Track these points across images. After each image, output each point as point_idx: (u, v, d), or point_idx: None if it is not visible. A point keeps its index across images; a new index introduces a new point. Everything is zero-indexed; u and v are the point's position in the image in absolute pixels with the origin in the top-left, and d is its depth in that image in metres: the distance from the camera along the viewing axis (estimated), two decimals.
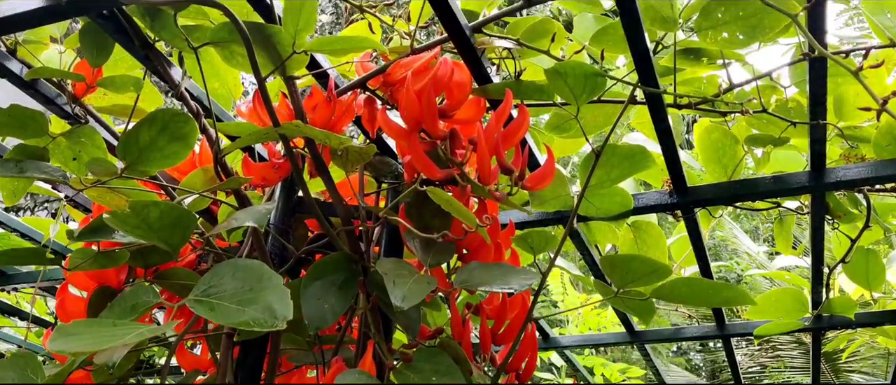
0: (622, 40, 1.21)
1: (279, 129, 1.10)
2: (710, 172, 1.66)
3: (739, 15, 1.23)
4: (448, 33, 1.19)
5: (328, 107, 1.22)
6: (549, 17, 1.30)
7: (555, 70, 1.21)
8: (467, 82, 1.27)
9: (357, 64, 1.29)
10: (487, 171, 1.15)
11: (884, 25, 1.34)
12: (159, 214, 0.99)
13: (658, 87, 1.26)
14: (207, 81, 1.47)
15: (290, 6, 1.05)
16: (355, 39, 1.10)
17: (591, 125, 1.47)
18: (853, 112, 1.48)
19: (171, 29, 1.16)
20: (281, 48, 1.12)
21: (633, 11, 1.12)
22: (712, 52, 1.34)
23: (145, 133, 1.16)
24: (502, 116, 1.21)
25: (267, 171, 1.27)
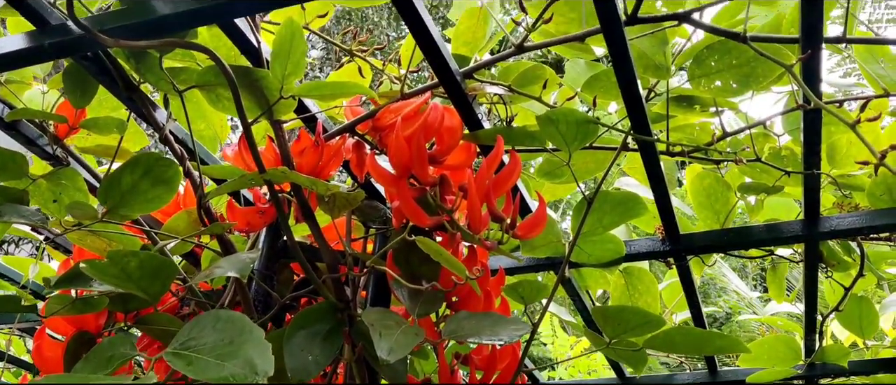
0: (614, 87, 1.20)
1: (265, 174, 1.08)
2: (703, 219, 1.64)
3: (732, 64, 1.22)
4: (438, 79, 1.18)
5: (316, 151, 1.19)
6: (540, 63, 1.29)
7: (547, 117, 1.20)
8: (458, 127, 1.25)
9: (346, 108, 1.27)
10: (477, 219, 1.13)
11: (877, 74, 1.33)
12: (139, 264, 0.96)
13: (651, 134, 1.25)
14: (194, 123, 1.44)
15: (278, 51, 1.03)
16: (344, 85, 1.08)
17: (582, 171, 1.45)
18: (846, 160, 1.47)
19: (155, 71, 1.14)
20: (268, 92, 1.10)
21: (626, 59, 1.11)
22: (705, 100, 1.33)
23: (128, 177, 1.14)
24: (493, 163, 1.19)
25: (252, 217, 1.25)
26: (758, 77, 1.22)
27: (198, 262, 1.50)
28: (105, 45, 1.03)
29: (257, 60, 1.13)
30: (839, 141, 1.44)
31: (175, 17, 1.03)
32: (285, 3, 1.03)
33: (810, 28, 1.01)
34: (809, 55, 1.01)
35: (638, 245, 1.55)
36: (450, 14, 1.47)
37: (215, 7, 1.01)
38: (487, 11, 1.34)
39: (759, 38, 1.11)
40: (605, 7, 1.01)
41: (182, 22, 1.05)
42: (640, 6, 1.11)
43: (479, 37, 1.37)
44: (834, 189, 1.54)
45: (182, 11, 1.03)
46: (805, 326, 1.88)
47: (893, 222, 1.39)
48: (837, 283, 1.74)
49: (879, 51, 1.32)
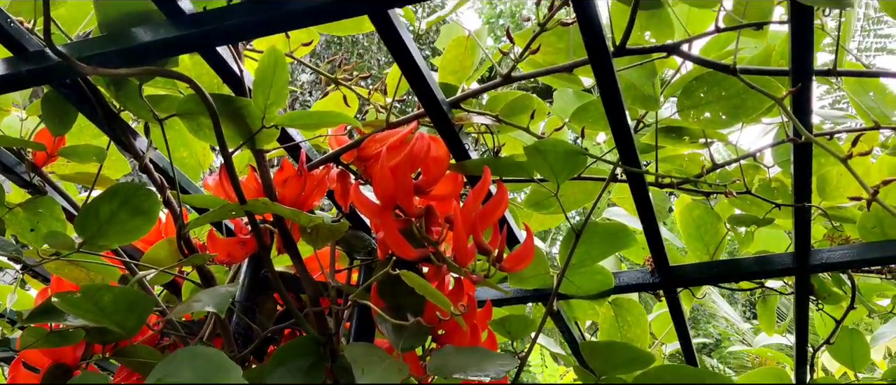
0: (603, 117, 1.18)
1: (245, 205, 1.05)
2: (692, 250, 1.63)
3: (722, 95, 1.21)
4: (424, 108, 1.16)
5: (299, 181, 1.17)
6: (528, 93, 1.28)
7: (535, 148, 1.18)
8: (444, 157, 1.24)
9: (331, 137, 1.25)
10: (464, 251, 1.11)
11: (867, 106, 1.32)
12: (113, 298, 0.93)
13: (639, 166, 1.23)
14: (176, 151, 1.42)
15: (260, 79, 1.01)
16: (328, 114, 1.06)
17: (571, 202, 1.44)
18: (837, 192, 1.46)
19: (136, 99, 1.12)
20: (250, 121, 1.07)
21: (614, 90, 1.09)
22: (694, 131, 1.31)
23: (106, 207, 1.11)
24: (480, 194, 1.17)
25: (233, 247, 1.22)
26: (747, 109, 1.21)
27: (179, 292, 1.47)
28: (83, 72, 1.01)
29: (240, 89, 1.11)
30: (830, 173, 1.42)
31: (155, 44, 1.02)
32: (268, 31, 1.01)
33: (800, 61, 1.00)
34: (800, 88, 1.00)
35: (627, 277, 1.52)
36: (437, 43, 1.45)
37: (196, 35, 0.99)
38: (475, 41, 1.33)
39: (748, 71, 1.10)
40: (592, 38, 1.00)
41: (163, 50, 1.04)
42: (628, 37, 1.10)
43: (467, 66, 1.35)
44: (825, 220, 1.53)
45: (162, 39, 1.01)
46: (796, 359, 1.86)
47: (885, 256, 1.38)
48: (828, 315, 1.72)
49: (869, 83, 1.32)
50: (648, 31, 1.23)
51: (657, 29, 1.22)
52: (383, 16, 0.98)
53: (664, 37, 1.23)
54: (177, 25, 1.01)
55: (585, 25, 0.98)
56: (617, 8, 1.21)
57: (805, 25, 0.94)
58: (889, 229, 1.39)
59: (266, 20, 0.96)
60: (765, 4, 1.14)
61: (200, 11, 1.00)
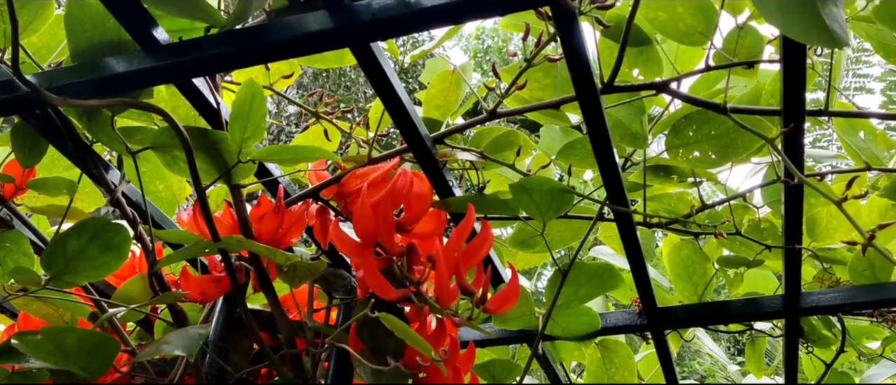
0: (590, 155, 1.15)
1: (219, 243, 1.01)
2: (680, 290, 1.59)
3: (711, 134, 1.18)
4: (407, 144, 1.12)
5: (276, 218, 1.13)
6: (513, 129, 1.25)
7: (520, 185, 1.15)
8: (427, 194, 1.20)
9: (310, 172, 1.21)
10: (446, 292, 1.07)
11: (857, 147, 1.30)
12: (76, 340, 0.89)
13: (627, 205, 1.20)
14: (151, 184, 1.38)
15: (237, 113, 0.98)
16: (306, 149, 1.02)
17: (557, 240, 1.40)
18: (827, 234, 1.44)
19: (108, 131, 1.08)
20: (226, 155, 1.04)
21: (602, 128, 1.07)
22: (683, 170, 1.29)
23: (74, 242, 1.07)
24: (464, 233, 1.13)
25: (206, 285, 1.17)
26: (737, 148, 1.19)
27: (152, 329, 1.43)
28: (52, 103, 0.97)
29: (216, 121, 1.08)
30: (819, 214, 1.40)
31: (129, 75, 0.98)
32: (246, 63, 0.97)
33: (792, 101, 0.97)
34: (792, 129, 0.98)
35: (614, 318, 1.49)
36: (422, 77, 1.43)
37: (171, 66, 0.96)
38: (460, 76, 1.30)
39: (739, 110, 1.07)
40: (580, 75, 0.97)
41: (136, 81, 1.00)
42: (616, 74, 1.07)
43: (452, 101, 1.32)
44: (814, 261, 1.50)
45: (136, 70, 0.97)
46: None
47: (876, 299, 1.35)
48: (818, 358, 1.69)
49: (859, 123, 1.30)
50: (637, 68, 1.21)
51: (646, 66, 1.20)
52: (365, 49, 0.95)
53: (653, 74, 1.21)
54: (151, 56, 0.97)
55: (573, 62, 0.95)
56: (605, 44, 1.19)
57: (797, 65, 0.92)
58: (880, 272, 1.36)
59: (244, 52, 0.93)
60: (755, 43, 1.13)
61: (176, 42, 0.97)
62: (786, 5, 0.72)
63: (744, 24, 1.09)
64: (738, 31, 1.09)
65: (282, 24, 0.92)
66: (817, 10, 0.71)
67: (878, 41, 1.10)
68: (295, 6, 0.95)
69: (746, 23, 1.10)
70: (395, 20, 0.88)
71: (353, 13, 0.89)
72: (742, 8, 1.09)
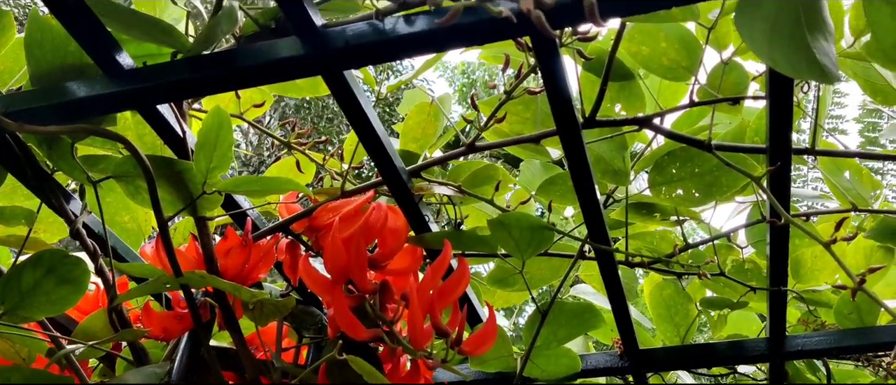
0: (571, 191, 1.12)
1: (181, 278, 0.96)
2: (662, 331, 1.55)
3: (695, 172, 1.15)
4: (383, 177, 1.08)
5: (243, 252, 1.08)
6: (493, 163, 1.21)
7: (499, 221, 1.11)
8: (403, 229, 1.16)
9: (281, 205, 1.17)
10: (419, 333, 1.02)
11: (843, 187, 1.28)
12: (23, 380, 0.83)
13: (609, 244, 1.16)
14: (117, 214, 1.33)
15: (203, 142, 0.94)
16: (276, 181, 0.98)
17: (536, 278, 1.36)
18: (812, 275, 1.40)
19: (68, 159, 1.03)
20: (191, 186, 0.99)
21: (583, 163, 1.03)
22: (666, 208, 1.25)
23: (29, 275, 1.02)
24: (439, 270, 1.09)
25: (169, 322, 1.12)
26: (721, 187, 1.15)
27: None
28: (8, 128, 0.92)
29: (182, 150, 1.03)
30: (804, 255, 1.37)
31: (90, 100, 0.94)
32: (213, 90, 0.94)
33: (778, 139, 0.95)
34: (778, 167, 0.95)
35: (595, 360, 1.44)
36: (400, 108, 1.39)
37: (135, 92, 0.92)
38: (438, 108, 1.27)
39: (723, 147, 1.04)
40: (560, 109, 0.94)
41: (98, 106, 0.96)
42: (598, 109, 1.04)
43: (430, 133, 1.29)
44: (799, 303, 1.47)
45: (98, 95, 0.93)
46: None
47: (862, 344, 1.32)
48: None
49: (844, 163, 1.28)
50: (619, 103, 1.18)
51: (628, 101, 1.18)
52: (338, 78, 0.91)
53: (635, 109, 1.18)
54: (114, 81, 0.93)
55: (553, 95, 0.92)
56: (587, 78, 1.16)
57: (784, 102, 0.89)
58: (866, 316, 1.33)
59: (211, 78, 0.89)
60: (740, 79, 1.10)
61: (140, 67, 0.93)
62: (775, 38, 0.69)
63: (729, 60, 1.07)
64: (723, 66, 1.07)
65: (251, 50, 0.89)
66: (807, 44, 0.68)
67: (864, 79, 1.07)
68: (265, 32, 0.91)
69: (731, 58, 1.07)
70: (370, 48, 0.85)
71: (325, 40, 0.86)
72: (727, 43, 1.06)
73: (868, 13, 0.71)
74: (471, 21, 0.79)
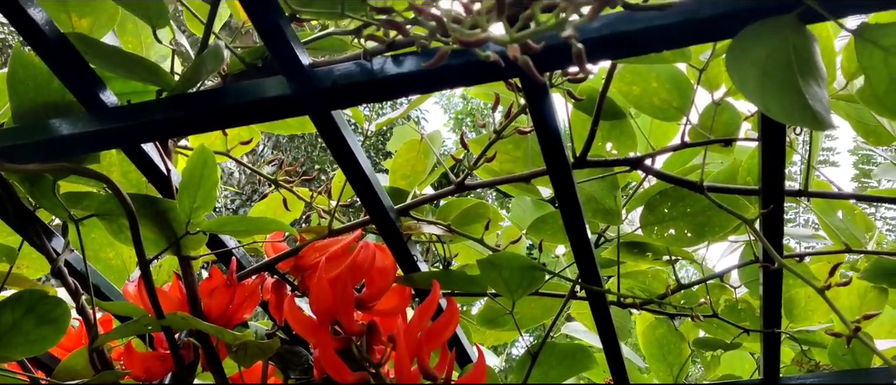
0: (562, 230, 1.10)
1: (163, 320, 0.94)
2: (655, 371, 1.53)
3: (687, 212, 1.14)
4: (370, 216, 1.07)
5: (228, 292, 1.06)
6: (483, 201, 1.20)
7: (489, 262, 1.09)
8: (391, 269, 1.14)
9: (267, 243, 1.15)
10: (406, 376, 1.00)
11: (836, 227, 1.26)
12: None
13: (601, 284, 1.15)
14: (101, 251, 1.30)
15: (187, 181, 0.92)
16: (260, 221, 0.96)
17: (527, 318, 1.34)
18: (805, 315, 1.39)
19: (50, 197, 1.01)
20: (175, 225, 0.97)
21: (573, 203, 1.02)
22: (658, 248, 1.24)
23: (8, 315, 0.99)
24: (427, 311, 1.07)
25: (151, 363, 1.10)
26: (714, 227, 1.14)
27: None
28: None
29: (167, 188, 1.01)
30: (798, 295, 1.36)
31: (73, 138, 0.92)
32: (199, 129, 0.92)
33: (771, 181, 0.94)
34: (771, 210, 0.93)
35: None
36: (389, 144, 1.38)
37: (118, 130, 0.90)
38: (428, 145, 1.26)
39: (715, 188, 1.03)
40: (551, 149, 0.93)
41: (81, 144, 0.94)
42: (589, 148, 1.03)
43: (419, 170, 1.27)
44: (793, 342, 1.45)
45: (81, 133, 0.91)
46: None
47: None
48: None
49: (838, 202, 1.26)
50: (610, 142, 1.17)
51: (619, 140, 1.17)
52: (325, 117, 0.90)
53: (627, 148, 1.17)
54: (97, 119, 0.91)
55: (543, 135, 0.91)
56: (578, 117, 1.15)
57: (776, 144, 0.89)
58: (860, 357, 1.31)
59: (195, 117, 0.88)
60: (732, 119, 1.09)
61: (124, 105, 0.91)
62: (766, 83, 0.68)
63: (720, 100, 1.06)
64: (715, 107, 1.06)
65: (237, 89, 0.87)
66: (799, 89, 0.67)
67: (856, 120, 1.07)
68: (252, 70, 0.90)
69: (723, 99, 1.06)
70: (358, 88, 0.84)
71: (312, 80, 0.84)
72: (718, 84, 1.05)
73: (861, 58, 0.70)
74: (459, 62, 0.78)
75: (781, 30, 0.69)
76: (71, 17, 0.95)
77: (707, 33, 0.76)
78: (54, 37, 0.85)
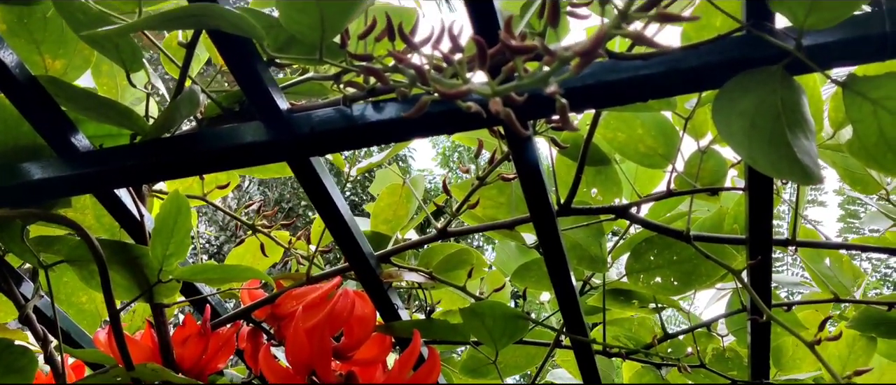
0: (547, 277, 1.08)
1: (133, 372, 0.91)
2: None
3: (673, 260, 1.12)
4: (349, 263, 1.04)
5: (201, 341, 1.03)
6: (466, 247, 1.17)
7: (472, 310, 1.07)
8: (370, 317, 1.11)
9: (243, 290, 1.12)
10: None
11: (823, 274, 1.25)
12: None
13: (586, 334, 1.12)
14: (73, 294, 1.26)
15: (160, 227, 0.89)
16: (235, 269, 0.94)
17: (511, 366, 1.31)
18: (793, 363, 1.37)
19: (19, 243, 0.98)
20: (148, 272, 0.94)
21: (558, 251, 1.00)
22: (644, 296, 1.22)
23: None
24: (408, 361, 1.04)
25: None
26: (700, 275, 1.12)
27: None
28: None
29: (140, 234, 0.98)
30: (786, 343, 1.33)
31: (43, 183, 0.89)
32: (173, 175, 0.90)
33: (758, 231, 0.92)
34: (759, 261, 0.91)
35: None
36: (371, 188, 1.36)
37: (90, 175, 0.87)
38: (410, 190, 1.24)
39: (702, 238, 1.01)
40: (534, 197, 0.91)
41: (52, 190, 0.91)
42: (573, 195, 1.01)
43: (401, 215, 1.25)
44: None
45: (50, 178, 0.88)
46: None
47: None
48: None
49: (824, 251, 1.25)
50: (596, 188, 1.15)
51: (604, 186, 1.15)
52: (304, 163, 0.87)
53: (612, 195, 1.15)
54: (69, 164, 0.89)
55: (527, 183, 0.89)
56: (562, 162, 1.14)
57: (764, 194, 0.87)
58: None
59: (172, 163, 0.85)
60: (718, 166, 1.08)
61: (96, 150, 0.89)
62: (754, 136, 0.67)
63: (706, 148, 1.04)
64: (701, 154, 1.05)
65: (213, 134, 0.85)
66: (788, 142, 0.66)
67: (844, 169, 1.05)
68: (229, 114, 0.88)
69: (709, 146, 1.05)
70: (337, 135, 0.82)
71: (290, 125, 0.82)
72: (704, 132, 1.04)
73: (849, 110, 0.68)
74: (441, 110, 0.76)
75: (769, 81, 0.67)
76: (44, 58, 0.93)
77: (693, 84, 0.75)
78: (24, 79, 0.82)
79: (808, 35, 0.67)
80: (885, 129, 0.68)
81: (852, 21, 0.67)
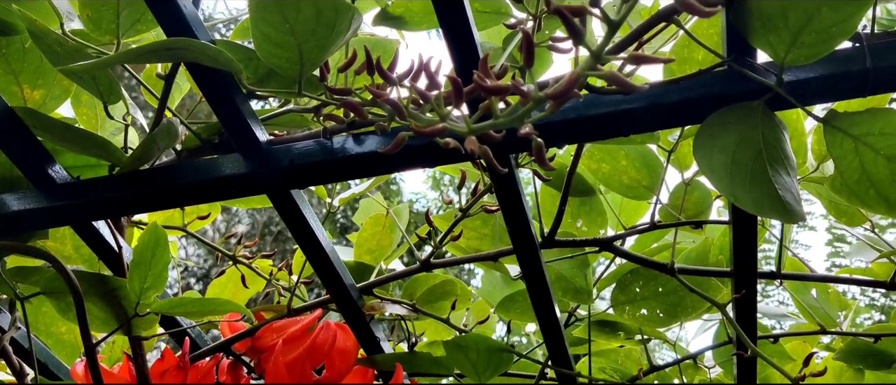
0: (531, 309, 1.07)
1: None
2: None
3: (659, 291, 1.11)
4: (331, 295, 1.03)
5: (180, 374, 1.01)
6: (451, 278, 1.16)
7: (455, 343, 1.05)
8: (352, 350, 1.10)
9: (223, 323, 1.10)
10: None
11: (809, 306, 1.24)
12: None
13: (571, 366, 1.11)
14: (52, 324, 1.24)
15: (138, 259, 0.88)
16: (214, 302, 0.92)
17: None
18: None
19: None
20: (126, 304, 0.93)
21: (542, 283, 0.99)
22: (630, 327, 1.21)
23: None
24: None
25: None
26: (686, 307, 1.11)
27: None
28: None
29: (118, 266, 0.97)
30: (773, 374, 1.32)
31: (19, 215, 0.88)
32: (152, 208, 0.89)
33: (743, 265, 0.91)
34: (744, 295, 0.91)
35: None
36: (355, 217, 1.35)
37: (67, 207, 0.86)
38: (394, 220, 1.23)
39: (687, 271, 1.01)
40: (518, 229, 0.90)
41: (28, 221, 0.90)
42: (557, 227, 1.01)
43: (385, 245, 1.24)
44: None
45: (28, 210, 0.87)
46: None
47: None
48: None
49: (810, 283, 1.24)
50: (580, 219, 1.15)
51: (589, 217, 1.14)
52: (284, 195, 0.86)
53: (597, 226, 1.15)
54: (46, 196, 0.87)
55: (510, 217, 0.88)
56: (546, 192, 1.13)
57: (748, 226, 0.86)
58: None
59: (147, 195, 0.84)
60: (702, 198, 1.07)
61: (73, 181, 0.88)
62: (735, 172, 0.66)
63: (690, 181, 1.04)
64: (685, 186, 1.04)
65: (192, 166, 0.84)
66: (769, 179, 0.65)
67: (828, 201, 1.05)
68: (208, 146, 0.87)
69: (693, 178, 1.05)
70: (317, 168, 0.81)
71: (269, 158, 0.81)
72: (688, 164, 1.04)
73: (831, 147, 0.68)
74: (421, 144, 0.75)
75: (750, 117, 0.67)
76: (23, 89, 0.92)
77: (673, 119, 0.74)
78: (1, 110, 0.81)
79: (790, 71, 0.67)
80: (866, 166, 0.67)
81: (833, 57, 0.67)
